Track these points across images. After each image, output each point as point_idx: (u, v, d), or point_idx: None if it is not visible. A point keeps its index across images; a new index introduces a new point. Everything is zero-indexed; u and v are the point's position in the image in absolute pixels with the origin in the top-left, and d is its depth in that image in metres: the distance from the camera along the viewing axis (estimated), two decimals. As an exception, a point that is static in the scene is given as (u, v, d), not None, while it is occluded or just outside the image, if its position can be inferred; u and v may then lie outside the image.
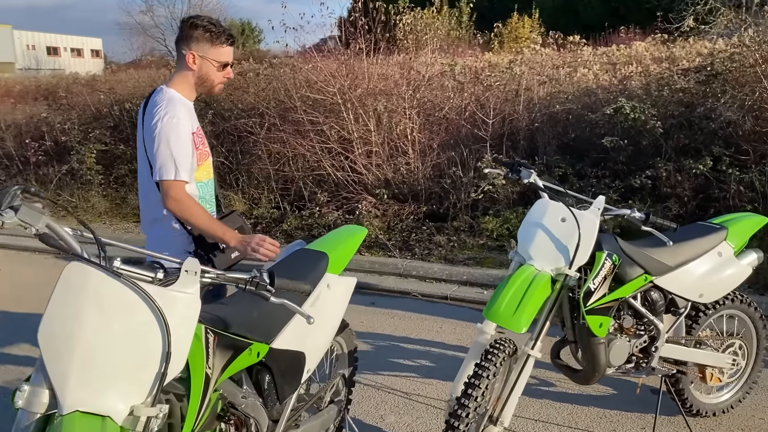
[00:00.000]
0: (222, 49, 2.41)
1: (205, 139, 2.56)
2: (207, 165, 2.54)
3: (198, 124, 2.51)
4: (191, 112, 2.46)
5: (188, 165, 2.33)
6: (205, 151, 2.51)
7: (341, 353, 2.76)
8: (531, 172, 2.69)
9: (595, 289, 2.46)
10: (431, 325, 4.41)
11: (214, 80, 2.45)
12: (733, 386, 3.11)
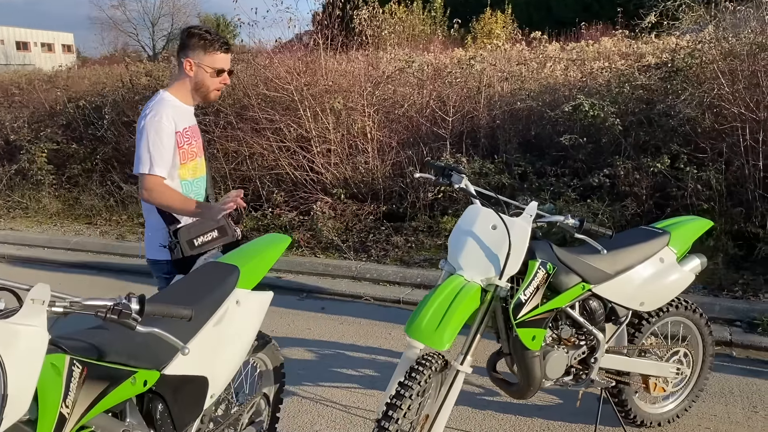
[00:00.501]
0: (216, 56, 2.51)
1: (195, 139, 2.62)
2: (194, 164, 2.61)
3: (189, 125, 2.59)
4: (183, 114, 2.56)
5: (166, 161, 2.45)
6: (191, 150, 2.58)
7: (265, 370, 2.61)
8: (462, 177, 2.55)
9: (526, 301, 2.33)
10: (381, 330, 4.27)
11: (209, 86, 2.55)
12: (678, 395, 3.01)
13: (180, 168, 2.55)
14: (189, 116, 2.61)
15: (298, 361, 3.80)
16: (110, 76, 9.84)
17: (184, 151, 2.55)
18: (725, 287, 4.49)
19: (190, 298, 1.97)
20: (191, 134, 2.59)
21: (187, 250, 2.51)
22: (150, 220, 2.62)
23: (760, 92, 5.29)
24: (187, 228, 2.54)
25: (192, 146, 2.59)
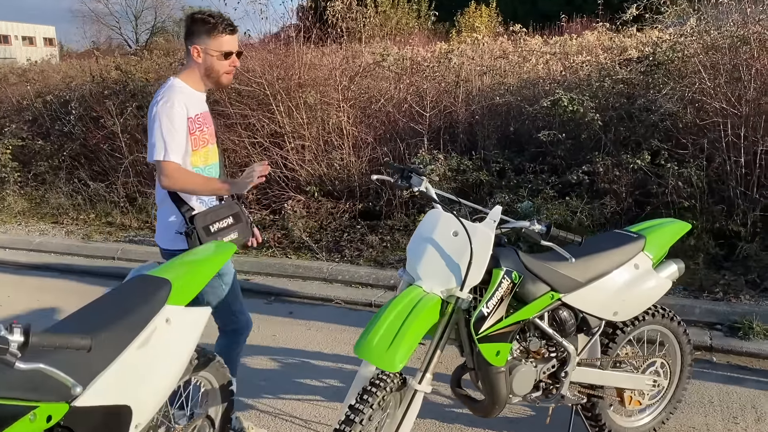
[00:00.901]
0: (222, 38, 2.45)
1: (207, 125, 2.57)
2: (205, 151, 2.56)
3: (201, 111, 2.54)
4: (195, 100, 2.51)
5: (180, 147, 2.41)
6: (202, 137, 2.54)
7: (211, 389, 2.41)
8: (422, 180, 2.36)
9: (489, 313, 2.15)
10: (349, 336, 4.08)
11: (219, 71, 2.50)
12: (655, 407, 2.86)
13: (192, 155, 2.52)
14: (200, 103, 2.57)
15: (260, 372, 3.61)
16: (80, 70, 9.52)
17: (196, 138, 2.52)
18: (706, 288, 4.34)
19: (110, 318, 1.77)
20: (203, 120, 2.55)
21: (203, 236, 2.47)
22: (163, 208, 2.60)
23: (742, 86, 5.15)
24: (203, 214, 2.51)
25: (204, 133, 2.55)
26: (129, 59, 8.95)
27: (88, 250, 5.99)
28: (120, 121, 6.95)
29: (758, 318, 3.79)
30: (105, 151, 7.24)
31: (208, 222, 2.50)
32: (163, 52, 10.20)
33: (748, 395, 3.19)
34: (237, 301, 2.73)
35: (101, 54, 9.69)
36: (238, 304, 2.74)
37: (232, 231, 2.57)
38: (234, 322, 2.75)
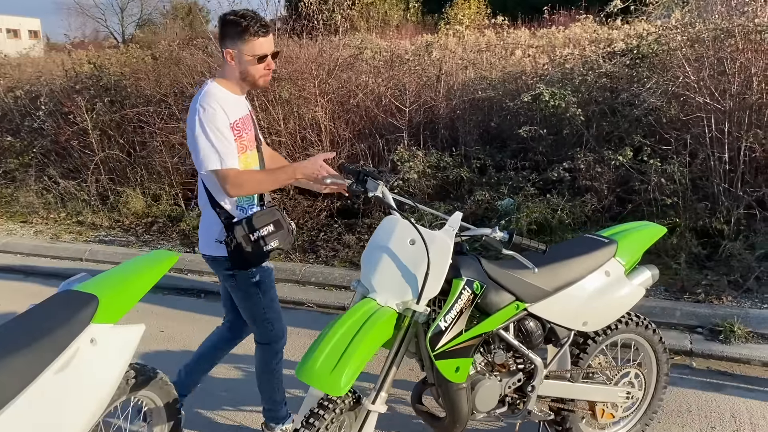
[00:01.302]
0: (254, 41, 2.33)
1: (246, 131, 2.47)
2: (245, 158, 2.46)
3: (240, 116, 2.45)
4: (233, 105, 2.42)
5: (233, 152, 2.34)
6: (241, 144, 2.44)
7: (154, 408, 2.25)
8: (378, 185, 2.21)
9: (447, 328, 2.01)
10: (319, 342, 3.92)
11: (254, 75, 2.40)
12: (630, 419, 2.73)
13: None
14: (239, 107, 2.48)
15: (221, 381, 3.45)
16: (56, 63, 9.26)
17: (238, 144, 2.43)
18: (687, 289, 4.22)
19: (24, 339, 1.61)
20: (242, 126, 2.46)
21: (244, 245, 2.40)
22: (205, 213, 2.53)
23: (726, 80, 5.03)
24: (244, 222, 2.41)
25: (242, 139, 2.45)
26: (104, 53, 8.70)
27: (55, 251, 5.80)
28: (90, 117, 6.73)
29: (740, 320, 3.67)
30: (76, 148, 7.02)
31: (248, 230, 2.41)
32: (139, 45, 9.99)
33: (726, 403, 3.07)
34: (272, 310, 2.63)
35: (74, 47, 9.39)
36: (273, 312, 2.64)
37: (273, 239, 2.47)
38: (267, 332, 2.65)
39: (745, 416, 2.95)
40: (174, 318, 4.35)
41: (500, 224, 5.23)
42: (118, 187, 6.84)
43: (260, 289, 2.55)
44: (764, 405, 3.04)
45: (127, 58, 8.53)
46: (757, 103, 5.01)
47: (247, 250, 2.40)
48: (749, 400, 3.09)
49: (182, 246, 5.80)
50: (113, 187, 6.86)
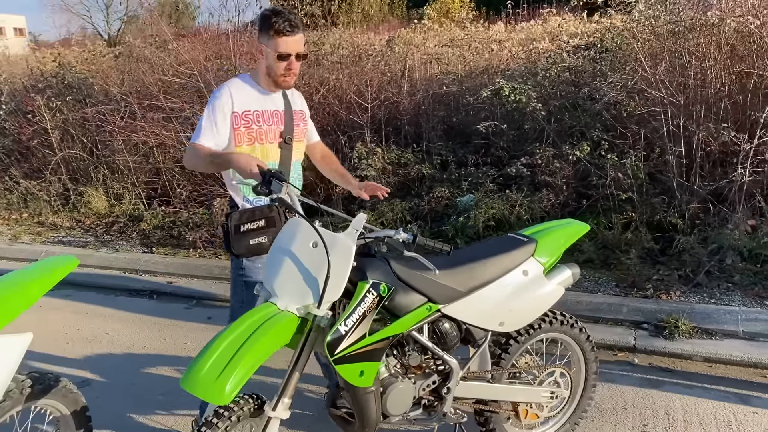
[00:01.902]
0: (278, 39, 2.38)
1: (259, 124, 2.52)
2: (251, 149, 2.51)
3: (258, 109, 2.51)
4: (253, 97, 2.51)
5: (214, 133, 2.44)
6: (249, 135, 2.50)
7: (61, 416, 2.20)
8: (282, 185, 2.16)
9: (347, 332, 1.97)
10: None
11: (276, 72, 2.45)
12: (558, 419, 2.70)
13: (237, 151, 2.49)
14: (260, 100, 2.53)
15: (160, 384, 3.40)
16: (12, 63, 9.16)
17: (240, 134, 2.49)
18: (638, 285, 4.20)
19: None
20: (256, 118, 2.52)
21: (232, 234, 2.48)
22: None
23: (680, 74, 5.01)
24: (239, 213, 2.51)
25: (251, 130, 2.51)
26: (71, 51, 8.60)
27: (12, 253, 5.72)
28: (49, 116, 6.65)
29: (685, 316, 3.66)
30: (37, 148, 6.94)
31: (239, 221, 2.49)
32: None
33: (663, 400, 3.06)
34: (249, 305, 2.54)
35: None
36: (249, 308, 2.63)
37: (261, 235, 2.50)
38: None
39: (679, 413, 2.94)
40: (122, 320, 4.30)
41: (459, 220, 5.21)
42: (80, 187, 6.76)
43: (245, 283, 2.57)
44: (699, 401, 3.03)
45: (94, 56, 8.45)
46: (714, 97, 5.00)
47: (234, 239, 2.49)
48: (686, 396, 3.08)
49: (141, 246, 5.74)
50: (75, 187, 6.78)
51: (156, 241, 5.76)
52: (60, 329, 4.16)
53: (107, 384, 3.40)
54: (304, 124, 2.74)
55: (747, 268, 4.24)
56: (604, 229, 4.85)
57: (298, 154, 2.70)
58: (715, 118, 4.91)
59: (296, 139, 2.65)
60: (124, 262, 5.28)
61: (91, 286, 4.98)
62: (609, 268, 4.54)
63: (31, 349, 3.68)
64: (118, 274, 5.14)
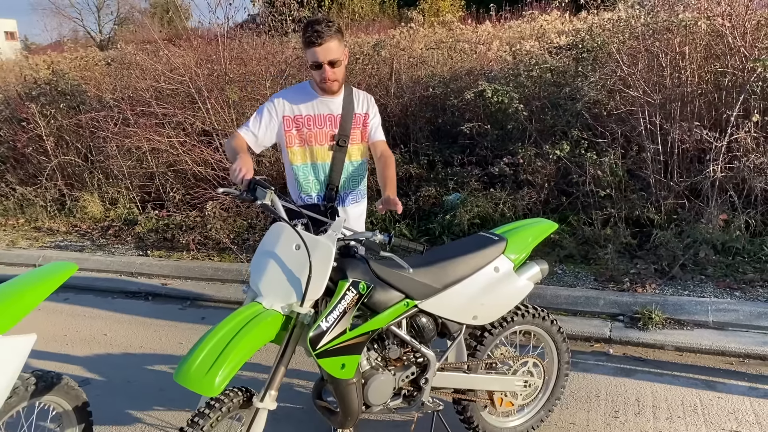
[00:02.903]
0: (309, 50, 2.56)
1: (310, 128, 2.72)
2: (302, 151, 2.76)
3: (309, 114, 2.72)
4: (308, 102, 2.72)
5: (255, 128, 2.71)
6: (300, 137, 2.73)
7: (63, 411, 2.36)
8: (266, 192, 2.31)
9: (329, 328, 2.12)
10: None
11: (316, 79, 2.65)
12: (532, 407, 2.87)
13: (288, 152, 2.76)
14: (314, 106, 2.72)
15: (158, 380, 3.55)
16: (4, 69, 9.27)
17: (291, 136, 2.73)
18: (615, 279, 4.37)
19: None
20: (303, 122, 2.72)
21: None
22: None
23: (657, 74, 5.17)
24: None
25: (302, 133, 2.73)
26: (64, 57, 8.71)
27: (9, 258, 5.85)
28: (44, 123, 6.78)
29: (658, 308, 3.83)
30: (32, 155, 7.06)
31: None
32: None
33: (634, 388, 3.22)
34: None
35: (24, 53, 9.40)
36: None
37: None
38: None
39: (648, 399, 3.10)
40: (119, 321, 4.45)
41: (445, 219, 5.37)
42: (76, 192, 6.89)
43: None
44: (669, 388, 3.20)
45: (86, 63, 8.57)
46: (689, 96, 5.17)
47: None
48: (656, 384, 3.25)
49: (136, 249, 5.88)
50: (71, 192, 6.91)
51: (150, 244, 5.90)
52: (60, 331, 4.30)
53: (106, 382, 3.54)
54: (365, 127, 2.85)
55: (720, 261, 4.41)
56: (583, 225, 5.01)
57: (356, 155, 2.86)
58: (691, 116, 5.08)
59: (352, 142, 2.81)
60: (120, 265, 5.42)
61: (89, 289, 5.13)
62: (588, 263, 4.70)
63: (33, 350, 3.84)
64: (114, 277, 5.28)
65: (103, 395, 3.38)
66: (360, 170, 2.92)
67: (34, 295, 2.07)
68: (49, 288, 2.13)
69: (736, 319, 3.70)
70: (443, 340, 2.58)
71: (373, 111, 2.90)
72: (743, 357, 3.44)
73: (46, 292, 2.11)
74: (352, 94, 2.82)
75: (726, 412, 2.96)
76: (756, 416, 2.91)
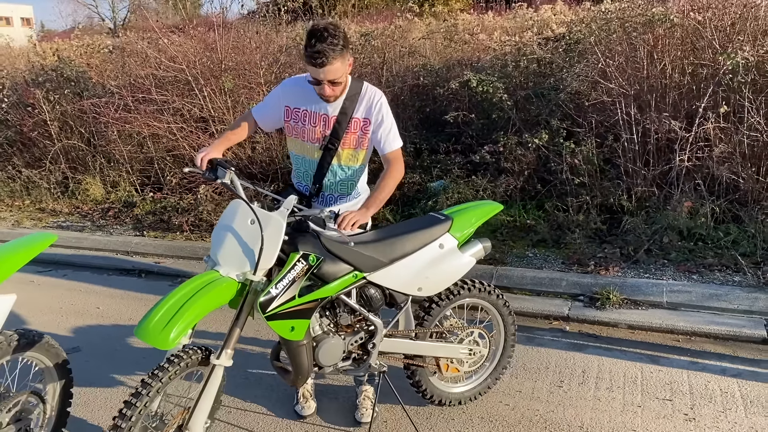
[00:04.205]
0: (309, 67, 2.49)
1: (305, 124, 2.73)
2: (295, 142, 2.80)
3: (308, 109, 2.69)
4: (310, 98, 2.66)
5: (262, 110, 2.83)
6: (296, 129, 2.75)
7: (45, 367, 2.62)
8: (226, 172, 2.54)
9: (278, 294, 2.36)
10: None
11: (317, 91, 2.59)
12: (479, 375, 3.10)
13: (288, 139, 2.84)
14: (312, 101, 2.67)
15: (142, 349, 3.82)
16: (14, 56, 9.57)
17: (288, 126, 2.78)
18: (582, 262, 4.58)
19: None
20: (300, 116, 2.73)
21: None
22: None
23: (632, 66, 5.34)
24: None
25: (297, 126, 2.75)
26: (70, 45, 8.99)
27: (14, 237, 6.14)
28: (48, 108, 7.06)
29: (617, 289, 4.03)
30: (38, 139, 7.36)
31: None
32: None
33: (583, 360, 3.44)
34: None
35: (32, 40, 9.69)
36: None
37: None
38: None
39: (594, 371, 3.32)
40: (112, 296, 4.72)
41: (428, 204, 5.59)
42: (79, 175, 7.19)
43: None
44: (615, 362, 3.41)
45: (91, 51, 8.84)
46: (664, 88, 5.32)
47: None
48: (604, 358, 3.47)
49: (134, 230, 6.16)
50: (74, 175, 7.21)
51: (147, 225, 6.17)
52: (56, 304, 4.58)
53: (95, 350, 3.82)
54: (365, 134, 2.70)
55: (683, 246, 4.60)
56: (557, 211, 5.21)
57: (348, 160, 2.76)
58: (666, 107, 5.25)
59: (346, 146, 2.71)
60: (117, 244, 5.71)
61: (86, 266, 5.41)
62: (559, 247, 4.91)
63: (28, 321, 4.12)
64: (111, 256, 5.56)
65: (91, 361, 3.66)
66: (353, 176, 2.83)
67: (14, 261, 2.32)
68: (29, 255, 2.38)
69: (689, 299, 3.90)
70: (394, 310, 2.81)
71: (378, 118, 2.67)
72: (690, 334, 3.65)
73: (25, 259, 2.36)
74: (359, 94, 2.66)
75: (663, 383, 3.17)
76: (690, 387, 3.12)
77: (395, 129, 2.74)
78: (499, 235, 5.21)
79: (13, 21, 50.65)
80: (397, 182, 2.68)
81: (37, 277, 5.17)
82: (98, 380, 3.43)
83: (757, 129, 4.63)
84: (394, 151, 2.71)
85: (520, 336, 3.72)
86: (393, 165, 2.68)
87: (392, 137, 2.72)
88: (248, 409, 3.12)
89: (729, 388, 3.10)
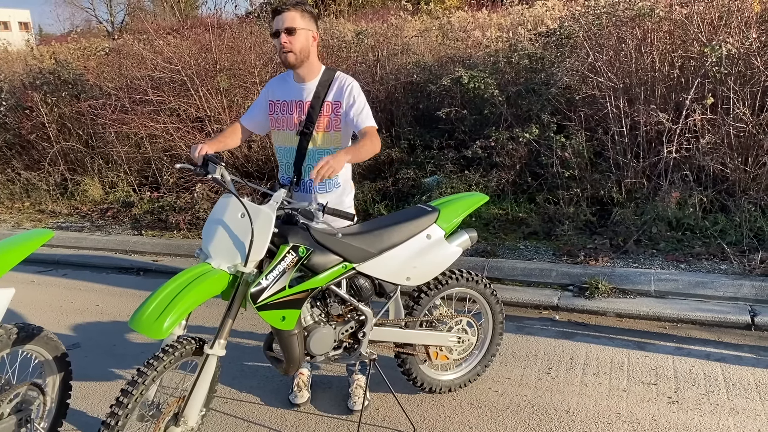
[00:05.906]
0: (271, 23, 2.63)
1: (284, 113, 2.83)
2: (279, 134, 2.89)
3: (287, 99, 2.81)
4: (286, 88, 2.82)
5: (251, 114, 2.93)
6: (278, 121, 2.85)
7: (44, 360, 2.70)
8: (216, 167, 2.62)
9: (268, 285, 2.44)
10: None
11: (278, 49, 2.68)
12: (469, 362, 3.17)
13: (272, 133, 2.93)
14: (289, 92, 2.81)
15: (139, 344, 3.90)
16: (11, 60, 9.64)
17: (273, 119, 2.88)
18: (572, 253, 4.65)
19: None
20: (279, 107, 2.84)
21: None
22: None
23: (620, 59, 5.41)
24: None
25: (277, 117, 2.86)
26: (67, 47, 9.06)
27: (14, 238, 6.23)
28: (46, 110, 7.14)
29: (605, 278, 4.11)
30: (36, 141, 7.44)
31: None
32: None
33: (571, 348, 3.52)
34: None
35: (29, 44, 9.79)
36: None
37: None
38: None
39: (581, 358, 3.40)
40: (111, 294, 4.80)
41: (422, 199, 5.67)
42: (77, 177, 7.26)
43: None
44: (602, 348, 3.49)
45: (88, 53, 8.92)
46: (652, 81, 5.39)
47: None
48: (592, 345, 3.54)
49: (132, 229, 6.24)
50: (73, 176, 7.28)
51: (145, 224, 6.25)
52: (56, 302, 4.66)
53: (94, 345, 3.90)
54: (337, 116, 2.76)
55: (672, 236, 4.68)
56: (548, 204, 5.28)
57: (323, 142, 2.81)
58: (654, 100, 5.32)
59: (320, 129, 2.78)
60: (115, 243, 5.79)
61: (86, 265, 5.49)
62: (550, 239, 4.98)
63: (29, 319, 4.20)
64: (109, 255, 5.64)
65: (90, 356, 3.73)
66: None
67: (12, 256, 2.39)
68: (27, 250, 2.45)
69: (676, 288, 3.97)
70: (384, 300, 2.89)
71: (349, 100, 2.75)
72: (676, 321, 3.72)
73: (22, 255, 2.44)
74: (331, 80, 2.76)
75: (649, 368, 3.25)
76: (675, 372, 3.19)
77: (368, 110, 2.76)
78: (492, 227, 5.29)
79: (11, 25, 50.72)
80: (374, 147, 2.63)
81: (38, 277, 5.25)
82: (97, 374, 3.51)
83: (743, 120, 4.70)
84: (368, 126, 2.71)
85: (510, 325, 3.80)
86: (369, 134, 2.66)
87: (365, 116, 2.73)
88: (244, 400, 3.20)
89: (712, 371, 3.17)
